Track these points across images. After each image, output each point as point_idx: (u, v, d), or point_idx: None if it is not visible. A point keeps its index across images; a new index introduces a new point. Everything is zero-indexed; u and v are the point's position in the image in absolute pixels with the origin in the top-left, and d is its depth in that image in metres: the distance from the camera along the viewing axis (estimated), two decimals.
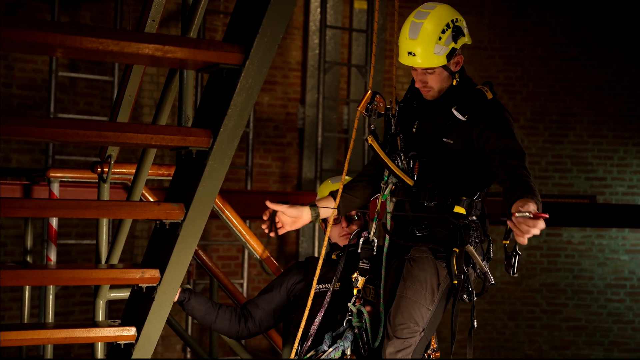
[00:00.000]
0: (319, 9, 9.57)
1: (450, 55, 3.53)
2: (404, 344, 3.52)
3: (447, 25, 3.52)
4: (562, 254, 10.49)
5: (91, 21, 8.33)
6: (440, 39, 3.50)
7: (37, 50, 3.65)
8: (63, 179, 4.74)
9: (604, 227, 10.25)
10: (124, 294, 4.03)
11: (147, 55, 3.19)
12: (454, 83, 3.60)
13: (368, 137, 3.57)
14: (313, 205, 3.73)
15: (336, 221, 3.93)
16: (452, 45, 3.53)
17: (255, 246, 4.86)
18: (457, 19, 3.56)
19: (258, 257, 4.87)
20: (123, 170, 4.49)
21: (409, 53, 3.54)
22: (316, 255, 9.09)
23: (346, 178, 3.84)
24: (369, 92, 3.63)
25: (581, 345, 10.41)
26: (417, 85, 3.62)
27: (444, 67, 3.55)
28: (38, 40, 2.99)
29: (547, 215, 3.07)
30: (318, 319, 3.73)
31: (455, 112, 3.54)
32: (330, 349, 3.67)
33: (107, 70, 8.28)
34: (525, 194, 3.19)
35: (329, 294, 3.76)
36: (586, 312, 10.43)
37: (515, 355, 10.34)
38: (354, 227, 3.97)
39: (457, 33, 3.54)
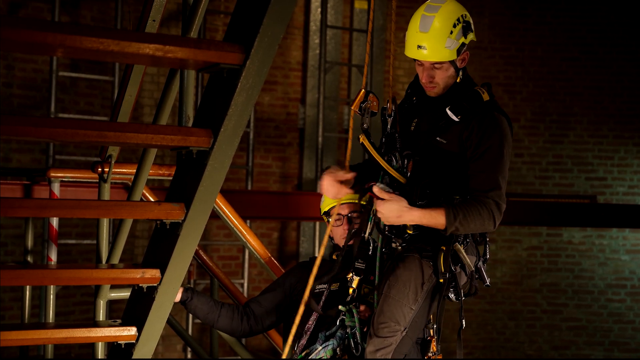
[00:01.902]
0: (319, 9, 9.57)
1: (460, 50, 3.53)
2: (383, 343, 3.52)
3: (458, 20, 3.52)
4: (562, 254, 10.49)
5: (91, 21, 8.34)
6: (451, 32, 3.49)
7: (37, 50, 3.65)
8: (63, 179, 4.75)
9: (604, 227, 10.25)
10: (125, 294, 4.03)
11: (147, 55, 3.19)
12: (458, 80, 3.60)
13: (360, 136, 3.57)
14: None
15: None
16: (462, 40, 3.52)
17: (256, 246, 4.86)
18: (465, 14, 3.57)
19: (258, 257, 4.87)
20: (123, 170, 4.49)
21: (419, 47, 3.51)
22: (317, 255, 9.10)
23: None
24: (362, 91, 3.62)
25: (581, 346, 10.41)
26: (423, 80, 3.59)
27: (452, 62, 3.54)
28: (38, 40, 2.99)
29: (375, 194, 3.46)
30: (313, 317, 3.73)
31: (448, 112, 3.53)
32: (320, 347, 3.68)
33: (108, 70, 8.28)
34: (447, 205, 3.42)
35: (325, 293, 3.76)
36: (587, 312, 10.43)
37: (516, 355, 10.34)
38: (353, 227, 3.96)
39: (467, 28, 3.54)
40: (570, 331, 10.43)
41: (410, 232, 3.59)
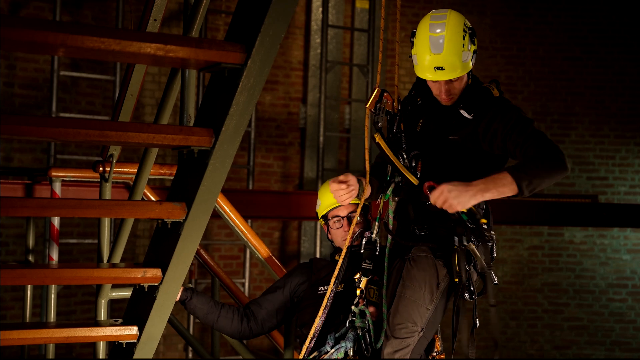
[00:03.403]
0: (320, 9, 9.56)
1: (473, 57, 3.54)
2: (401, 344, 3.52)
3: (464, 30, 3.50)
4: (563, 254, 10.49)
5: (93, 21, 8.34)
6: (463, 45, 3.48)
7: (38, 50, 3.65)
8: (65, 178, 4.74)
9: (605, 227, 10.24)
10: (126, 293, 4.03)
11: (149, 55, 3.19)
12: (469, 82, 3.60)
13: (375, 135, 3.55)
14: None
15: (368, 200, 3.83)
16: (473, 47, 3.53)
17: (257, 246, 4.86)
18: (466, 21, 3.54)
19: (260, 256, 4.87)
20: (125, 169, 4.49)
21: (437, 68, 3.48)
22: (318, 255, 9.11)
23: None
24: (377, 90, 3.58)
25: (583, 345, 10.40)
26: (443, 96, 3.58)
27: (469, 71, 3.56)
28: (39, 39, 2.99)
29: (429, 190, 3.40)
30: (321, 319, 3.72)
31: (461, 111, 3.54)
32: (333, 350, 3.67)
33: (109, 70, 8.29)
34: (509, 169, 3.36)
35: (331, 294, 3.76)
36: (588, 311, 10.43)
37: (517, 355, 10.33)
38: (356, 229, 3.94)
39: (472, 34, 3.53)
40: (572, 331, 10.42)
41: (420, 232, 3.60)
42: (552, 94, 10.55)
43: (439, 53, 3.45)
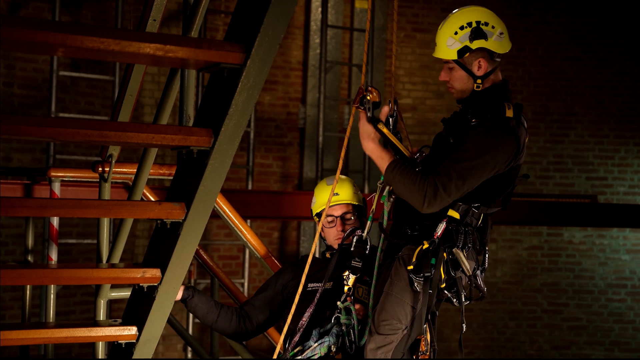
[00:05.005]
0: (320, 9, 9.57)
1: (462, 52, 3.53)
2: (385, 341, 3.53)
3: (469, 24, 3.54)
4: (563, 254, 10.49)
5: (92, 21, 8.34)
6: (456, 33, 3.53)
7: (38, 50, 3.65)
8: (64, 179, 4.75)
9: (605, 227, 10.25)
10: (125, 293, 4.03)
11: (148, 55, 3.19)
12: (475, 87, 3.60)
13: (378, 125, 3.56)
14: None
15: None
16: (467, 43, 3.52)
17: (256, 246, 4.86)
18: (486, 22, 3.58)
19: (259, 256, 4.87)
20: (124, 169, 4.49)
21: (435, 43, 3.66)
22: (316, 256, 9.10)
23: (341, 177, 3.86)
24: (360, 89, 3.64)
25: (582, 345, 10.41)
26: (439, 78, 3.68)
27: (460, 65, 3.55)
28: (39, 39, 2.99)
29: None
30: (306, 315, 3.73)
31: (469, 115, 3.55)
32: (316, 344, 3.68)
33: (108, 70, 8.29)
34: (397, 158, 3.53)
35: (319, 291, 3.76)
36: (587, 311, 10.43)
37: (516, 355, 10.34)
38: (348, 228, 3.96)
39: (476, 34, 3.53)
40: (571, 331, 10.42)
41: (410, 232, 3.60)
42: (551, 94, 10.55)
43: (439, 29, 3.58)
